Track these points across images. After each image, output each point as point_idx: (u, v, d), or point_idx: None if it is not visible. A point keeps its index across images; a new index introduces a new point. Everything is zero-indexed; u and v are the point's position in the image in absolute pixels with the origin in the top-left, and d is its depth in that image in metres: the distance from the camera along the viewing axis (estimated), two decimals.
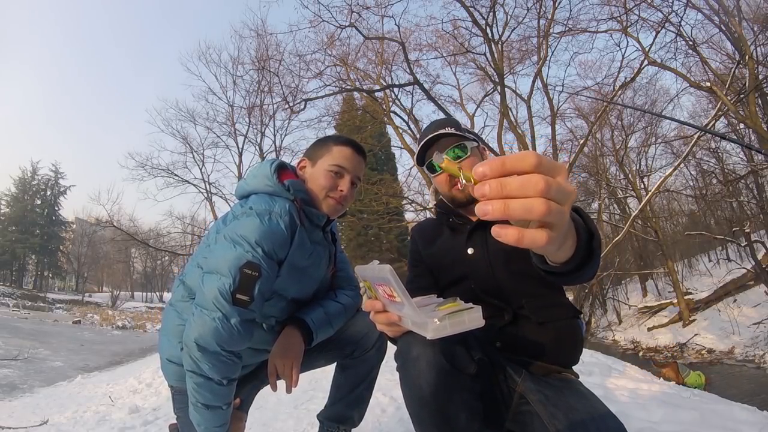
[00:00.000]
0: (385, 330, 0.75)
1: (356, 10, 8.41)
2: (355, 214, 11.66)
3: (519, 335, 0.95)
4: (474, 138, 1.10)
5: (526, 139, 9.94)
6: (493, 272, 0.99)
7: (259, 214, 1.05)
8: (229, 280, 0.99)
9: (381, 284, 0.66)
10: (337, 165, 1.16)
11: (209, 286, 1.00)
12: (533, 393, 0.87)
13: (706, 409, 1.96)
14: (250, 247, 1.01)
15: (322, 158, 1.18)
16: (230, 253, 1.01)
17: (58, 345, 9.87)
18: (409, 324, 0.67)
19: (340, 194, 1.17)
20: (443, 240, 1.12)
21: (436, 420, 0.76)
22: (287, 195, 1.12)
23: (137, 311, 26.14)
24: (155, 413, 3.15)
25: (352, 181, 1.19)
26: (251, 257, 1.01)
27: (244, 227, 1.04)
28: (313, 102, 10.38)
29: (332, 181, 1.16)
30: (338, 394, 1.34)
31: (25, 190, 33.77)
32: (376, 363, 1.33)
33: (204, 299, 1.00)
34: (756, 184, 11.94)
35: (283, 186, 1.12)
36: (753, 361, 8.25)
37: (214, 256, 1.04)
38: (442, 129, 1.06)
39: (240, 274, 0.99)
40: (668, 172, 9.36)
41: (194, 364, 0.99)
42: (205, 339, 0.97)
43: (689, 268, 15.76)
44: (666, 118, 13.98)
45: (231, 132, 14.76)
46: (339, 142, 1.20)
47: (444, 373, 0.75)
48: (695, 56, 9.17)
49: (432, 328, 0.61)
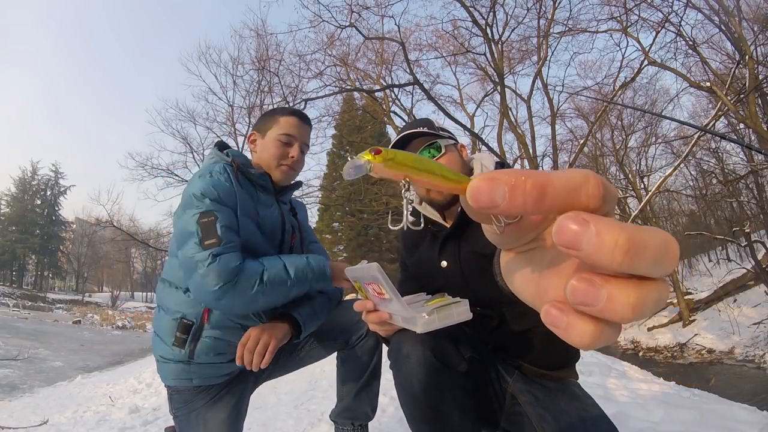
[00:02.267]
0: (377, 329, 0.75)
1: (356, 10, 8.43)
2: (355, 214, 11.67)
3: (508, 339, 0.93)
4: (450, 136, 1.04)
5: (525, 139, 9.95)
6: (467, 284, 0.95)
7: (200, 176, 1.11)
8: (195, 237, 1.03)
9: (370, 283, 0.66)
10: (285, 134, 1.24)
11: (183, 255, 1.04)
12: (523, 394, 0.87)
13: (706, 409, 1.96)
14: (197, 200, 1.07)
15: (270, 129, 1.26)
16: (185, 217, 1.06)
17: (58, 345, 9.87)
18: (399, 321, 0.68)
19: (291, 160, 1.24)
20: (424, 248, 1.08)
21: (428, 416, 0.76)
22: (225, 159, 1.19)
23: (137, 311, 26.13)
24: (155, 413, 3.15)
25: (300, 148, 1.26)
26: (203, 209, 1.05)
27: (188, 190, 1.10)
28: (313, 102, 10.38)
29: (282, 149, 1.24)
30: (345, 388, 1.33)
31: (25, 190, 33.77)
32: (375, 348, 1.31)
33: (187, 270, 1.04)
34: (756, 184, 11.93)
35: (224, 154, 1.21)
36: (753, 361, 8.25)
37: (176, 230, 1.09)
38: (415, 129, 1.00)
39: (200, 226, 1.03)
40: (668, 172, 9.37)
41: (247, 305, 1.04)
42: (211, 290, 0.99)
43: (689, 268, 15.77)
44: (666, 118, 13.99)
45: (231, 132, 14.75)
46: (285, 113, 1.28)
47: (434, 370, 0.75)
48: (695, 56, 9.18)
49: (421, 322, 0.63)
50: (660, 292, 0.19)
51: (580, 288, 0.18)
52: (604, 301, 0.18)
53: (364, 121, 12.98)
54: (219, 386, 1.17)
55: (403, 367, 0.77)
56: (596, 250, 0.17)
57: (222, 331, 1.10)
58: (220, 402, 1.17)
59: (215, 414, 1.15)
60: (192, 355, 1.08)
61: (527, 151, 9.65)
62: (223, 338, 1.10)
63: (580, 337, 0.20)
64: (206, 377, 1.13)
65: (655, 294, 0.19)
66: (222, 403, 1.17)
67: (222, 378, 1.16)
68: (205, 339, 1.09)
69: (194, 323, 1.09)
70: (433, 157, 0.98)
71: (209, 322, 1.09)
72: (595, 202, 0.20)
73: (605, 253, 0.17)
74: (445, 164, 1.05)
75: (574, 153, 10.84)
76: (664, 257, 0.18)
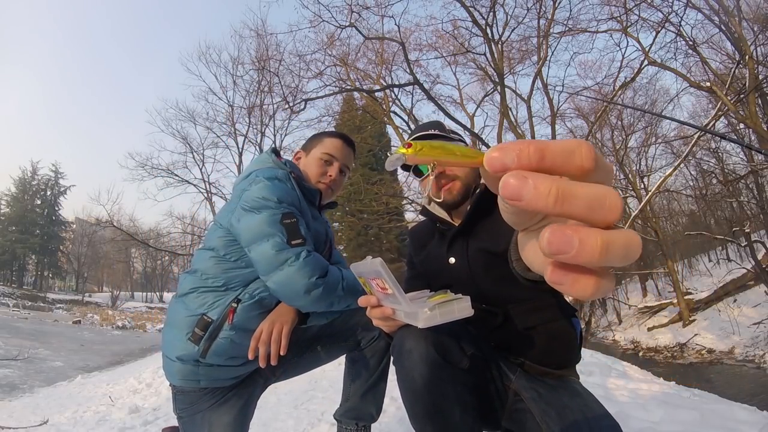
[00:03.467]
0: (380, 325, 0.76)
1: (356, 10, 8.42)
2: (355, 214, 11.68)
3: (511, 337, 0.94)
4: (459, 138, 1.09)
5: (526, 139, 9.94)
6: (474, 281, 0.97)
7: (268, 179, 1.12)
8: (278, 236, 1.05)
9: (374, 278, 0.68)
10: (327, 153, 1.29)
11: (265, 251, 1.04)
12: (527, 391, 0.87)
13: (706, 409, 1.96)
14: (276, 203, 1.08)
15: (315, 148, 1.31)
16: (262, 217, 1.07)
17: (58, 345, 9.88)
18: (402, 316, 0.69)
19: (330, 179, 1.29)
20: (432, 246, 1.11)
21: (429, 412, 0.77)
22: (285, 168, 1.21)
23: (137, 311, 26.16)
24: (155, 413, 3.15)
25: (340, 169, 1.31)
26: (284, 210, 1.08)
27: (259, 192, 1.10)
28: (313, 102, 10.39)
29: (322, 167, 1.29)
30: (352, 389, 1.32)
31: (25, 190, 33.78)
32: (386, 351, 1.31)
33: (269, 264, 1.04)
34: (756, 184, 11.93)
35: (282, 162, 1.24)
36: (753, 361, 8.26)
37: (248, 229, 1.08)
38: (426, 131, 1.06)
39: (284, 227, 1.06)
40: (668, 172, 9.37)
41: (327, 302, 1.07)
42: (305, 282, 1.02)
43: (689, 268, 15.76)
44: (666, 118, 14.00)
45: (231, 132, 14.77)
46: (331, 135, 1.34)
47: (436, 366, 0.76)
48: (695, 56, 9.19)
49: (423, 317, 0.64)
50: (627, 238, 0.22)
51: (554, 239, 0.21)
52: (576, 246, 0.20)
53: (364, 121, 12.98)
54: (226, 388, 1.16)
55: (406, 363, 0.78)
56: (534, 198, 0.21)
57: (240, 334, 1.08)
58: (226, 404, 1.16)
59: (221, 417, 1.14)
60: (204, 354, 1.07)
61: None
62: (239, 342, 1.08)
63: (584, 288, 0.22)
64: (214, 379, 1.12)
65: (621, 238, 0.21)
66: (228, 405, 1.16)
67: (230, 381, 1.15)
68: (221, 340, 1.07)
69: (213, 321, 1.07)
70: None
71: (231, 324, 1.07)
72: (588, 163, 0.23)
73: (541, 200, 0.21)
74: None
75: None
76: (601, 206, 0.21)
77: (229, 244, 1.13)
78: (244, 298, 1.09)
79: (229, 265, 1.12)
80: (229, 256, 1.12)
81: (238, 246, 1.11)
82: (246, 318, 1.08)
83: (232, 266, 1.12)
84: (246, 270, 1.11)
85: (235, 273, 1.12)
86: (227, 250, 1.13)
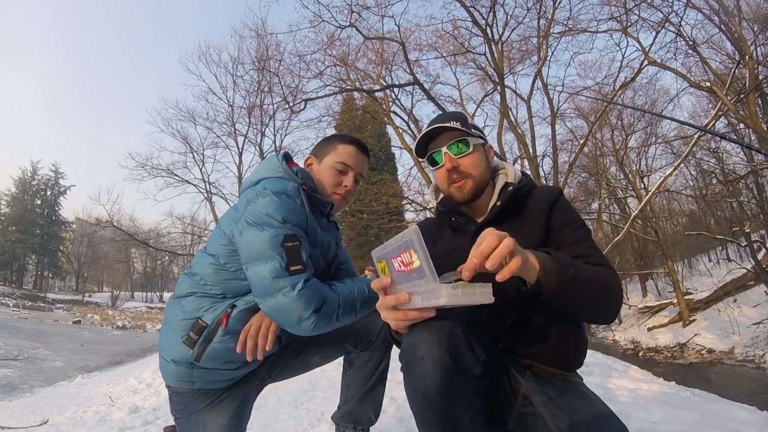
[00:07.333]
0: (389, 318, 0.74)
1: (356, 10, 8.43)
2: (355, 214, 11.67)
3: (522, 338, 0.94)
4: (480, 135, 1.06)
5: (525, 139, 9.95)
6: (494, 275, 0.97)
7: (275, 193, 1.08)
8: (277, 260, 1.02)
9: (398, 255, 0.66)
10: (341, 162, 1.23)
11: (262, 274, 1.02)
12: (537, 394, 0.87)
13: (706, 409, 1.96)
14: (280, 224, 1.05)
15: (327, 155, 1.25)
16: (264, 236, 1.04)
17: (58, 345, 9.88)
18: (419, 301, 0.67)
19: (345, 189, 1.23)
20: (444, 241, 1.09)
21: (440, 420, 0.76)
22: (296, 179, 1.16)
23: (137, 311, 26.16)
24: (155, 413, 3.15)
25: (355, 178, 1.25)
26: (287, 231, 1.04)
27: (265, 207, 1.06)
28: (313, 102, 10.40)
29: (337, 177, 1.23)
30: (349, 392, 1.32)
31: (25, 190, 33.75)
32: (384, 354, 1.30)
33: (265, 288, 1.02)
34: (756, 184, 11.94)
35: (293, 171, 1.18)
36: (753, 361, 8.26)
37: (248, 245, 1.05)
38: (447, 122, 1.03)
39: (285, 250, 1.03)
40: (668, 172, 9.38)
41: (320, 330, 1.05)
42: (299, 314, 1.00)
43: (689, 268, 15.76)
44: (666, 118, 13.99)
45: (231, 132, 14.80)
46: (344, 141, 1.27)
47: (450, 374, 0.74)
48: (695, 56, 9.18)
49: (446, 293, 0.62)
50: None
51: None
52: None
53: (364, 121, 12.97)
54: (220, 390, 1.16)
55: (418, 370, 0.76)
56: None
57: (234, 339, 1.08)
58: (220, 406, 1.15)
59: (215, 418, 1.14)
60: (199, 358, 1.06)
61: (527, 151, 9.65)
62: (234, 346, 1.08)
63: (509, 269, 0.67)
64: (208, 381, 1.12)
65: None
66: (222, 406, 1.15)
67: (224, 383, 1.15)
68: (216, 345, 1.07)
69: (208, 326, 1.07)
70: (461, 152, 1.01)
71: (225, 328, 1.07)
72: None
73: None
74: (470, 163, 1.02)
75: (574, 153, 10.85)
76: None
77: (231, 254, 1.11)
78: (239, 305, 1.09)
79: (229, 275, 1.11)
80: (229, 266, 1.11)
81: (238, 257, 1.10)
82: (240, 323, 1.08)
83: (232, 276, 1.11)
84: (245, 282, 1.09)
85: (234, 283, 1.11)
86: (228, 259, 1.11)
